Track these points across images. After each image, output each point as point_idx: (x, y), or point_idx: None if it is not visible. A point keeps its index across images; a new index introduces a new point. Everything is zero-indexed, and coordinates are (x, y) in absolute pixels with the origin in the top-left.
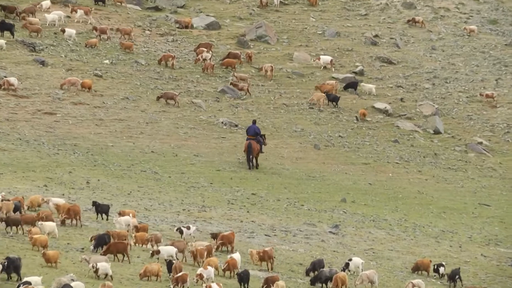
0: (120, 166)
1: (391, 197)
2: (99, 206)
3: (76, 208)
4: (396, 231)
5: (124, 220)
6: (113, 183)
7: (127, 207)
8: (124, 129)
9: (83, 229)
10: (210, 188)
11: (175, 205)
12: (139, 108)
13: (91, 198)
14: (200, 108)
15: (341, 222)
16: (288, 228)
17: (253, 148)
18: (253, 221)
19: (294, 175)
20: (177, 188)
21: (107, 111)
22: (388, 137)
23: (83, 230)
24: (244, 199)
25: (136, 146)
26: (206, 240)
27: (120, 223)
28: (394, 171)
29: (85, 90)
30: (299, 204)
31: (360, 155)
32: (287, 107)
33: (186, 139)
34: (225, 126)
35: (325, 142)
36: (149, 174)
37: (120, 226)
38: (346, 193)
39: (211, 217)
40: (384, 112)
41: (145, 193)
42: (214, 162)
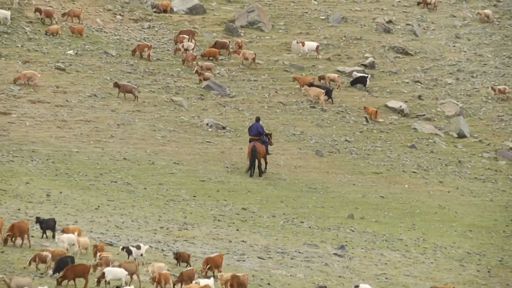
0: (86, 176)
1: (407, 213)
2: (43, 222)
3: (23, 225)
4: (413, 253)
5: (67, 238)
6: (78, 196)
7: (95, 224)
8: (91, 132)
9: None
10: (193, 202)
11: (151, 222)
12: (109, 107)
13: (51, 214)
14: (181, 107)
15: (348, 242)
16: (285, 249)
17: (258, 151)
18: (244, 241)
19: (292, 186)
20: (153, 202)
21: (71, 110)
22: (403, 142)
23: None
24: (233, 215)
25: (106, 152)
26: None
27: (62, 241)
28: (410, 182)
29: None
30: (298, 221)
31: (371, 163)
32: (284, 106)
33: (165, 144)
34: (211, 128)
35: (329, 148)
36: (121, 185)
37: (63, 245)
38: (353, 207)
39: (194, 236)
40: (399, 112)
41: (116, 208)
42: (197, 171)
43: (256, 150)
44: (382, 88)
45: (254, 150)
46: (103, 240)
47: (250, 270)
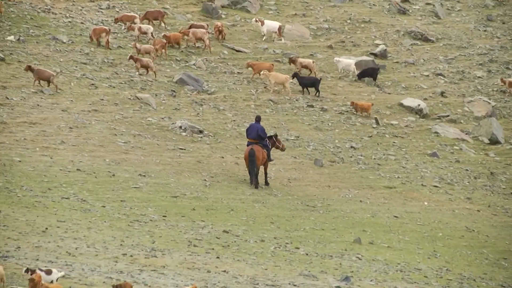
0: (31, 191)
1: (426, 237)
2: None
3: None
4: (434, 286)
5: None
6: (21, 216)
7: (42, 250)
8: (38, 137)
9: None
10: (163, 223)
11: (111, 248)
12: (60, 106)
13: None
14: (148, 107)
15: (354, 272)
16: (277, 281)
17: (257, 157)
18: (226, 271)
19: (285, 204)
20: (114, 223)
21: (12, 110)
22: (422, 149)
23: None
24: (212, 239)
25: (55, 162)
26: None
27: None
28: (431, 199)
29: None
30: (292, 246)
31: (382, 175)
32: (275, 104)
33: (128, 152)
34: (185, 132)
35: (331, 156)
36: (74, 202)
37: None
38: (361, 230)
39: (164, 265)
40: (416, 113)
41: (68, 230)
42: (168, 185)
43: (255, 154)
44: (396, 82)
45: (252, 155)
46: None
47: None
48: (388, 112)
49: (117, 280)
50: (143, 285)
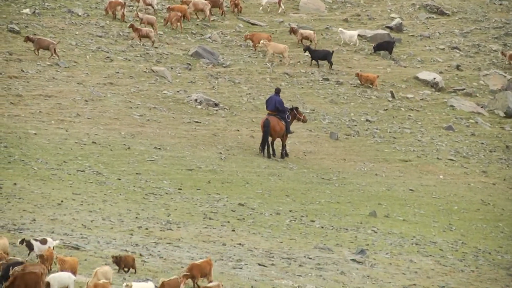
0: (46, 164)
1: (442, 210)
2: None
3: None
4: (449, 259)
5: None
6: (37, 188)
7: (57, 223)
8: (53, 110)
9: None
10: (178, 196)
11: (127, 221)
12: (75, 79)
13: (3, 211)
14: (163, 80)
15: (369, 245)
16: (292, 254)
17: (272, 128)
18: (241, 244)
19: (300, 176)
20: (130, 195)
21: (28, 83)
22: (438, 122)
23: None
24: (227, 212)
25: (71, 135)
26: None
27: None
28: (447, 172)
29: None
30: (307, 219)
31: (397, 148)
32: (291, 78)
33: (143, 125)
34: (200, 105)
35: (346, 130)
36: (89, 175)
37: None
38: (376, 203)
39: (179, 238)
40: (432, 86)
41: (83, 203)
42: (184, 158)
43: (269, 124)
44: (412, 56)
45: (267, 125)
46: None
47: (248, 280)
48: (403, 86)
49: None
50: (159, 258)
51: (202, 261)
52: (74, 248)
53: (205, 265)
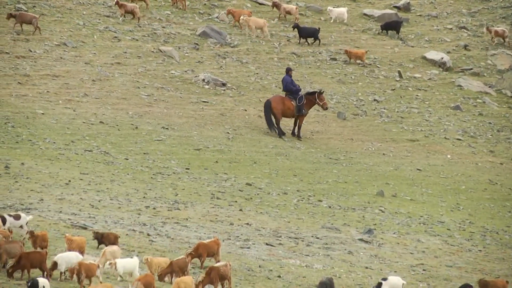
0: (54, 144)
1: (449, 190)
2: None
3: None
4: (457, 239)
5: None
6: (44, 168)
7: (65, 203)
8: (61, 90)
9: None
10: (186, 176)
11: (134, 201)
12: (82, 59)
13: (11, 191)
14: (171, 59)
15: (377, 225)
16: (300, 234)
17: (274, 108)
18: (249, 224)
19: (308, 156)
20: (137, 175)
21: (35, 63)
22: (445, 102)
23: None
24: (235, 192)
25: (78, 115)
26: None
27: None
28: (454, 151)
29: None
30: (315, 199)
31: (405, 128)
32: (298, 57)
33: (151, 105)
34: (208, 85)
35: (354, 109)
36: (97, 155)
37: None
38: (384, 183)
39: (187, 217)
40: (440, 66)
41: (91, 183)
42: (191, 138)
43: (270, 105)
44: (420, 36)
45: (266, 106)
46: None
47: (256, 259)
48: (411, 65)
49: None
50: (166, 237)
51: (209, 241)
52: (81, 227)
53: (212, 245)
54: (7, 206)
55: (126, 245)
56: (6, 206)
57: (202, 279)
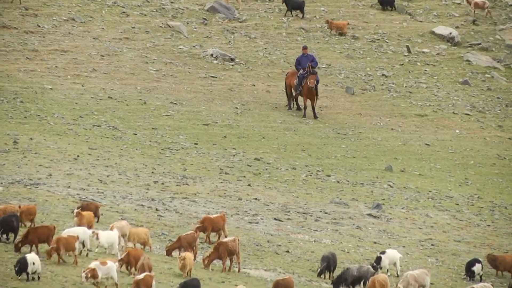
0: (63, 119)
1: (458, 165)
2: None
3: None
4: (465, 214)
5: None
6: (53, 143)
7: (73, 178)
8: (69, 65)
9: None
10: (195, 151)
11: (143, 176)
12: (91, 34)
13: (19, 166)
14: (179, 34)
15: (385, 200)
16: (308, 209)
17: (288, 84)
18: (257, 199)
19: (316, 131)
20: (146, 150)
21: (44, 38)
22: (454, 77)
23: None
24: (243, 167)
25: (86, 90)
26: None
27: None
28: (462, 126)
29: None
30: (323, 174)
31: (413, 102)
32: (307, 32)
33: (159, 80)
34: (216, 60)
35: (362, 84)
36: (105, 130)
37: None
38: (392, 158)
39: (195, 192)
40: (448, 41)
41: (100, 158)
42: (200, 113)
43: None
44: (428, 10)
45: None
46: (83, 197)
47: (264, 234)
48: (419, 40)
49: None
50: (175, 212)
51: (215, 216)
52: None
53: (218, 220)
54: (16, 181)
55: (135, 220)
56: (14, 181)
57: (210, 254)
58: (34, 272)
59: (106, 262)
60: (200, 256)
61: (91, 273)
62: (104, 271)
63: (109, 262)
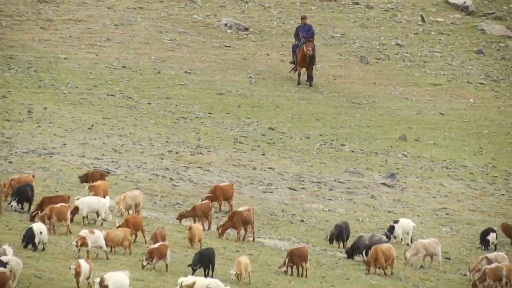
0: (77, 88)
1: (472, 134)
2: None
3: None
4: (479, 183)
5: None
6: (67, 113)
7: (87, 147)
8: (83, 34)
9: None
10: (209, 120)
11: (157, 145)
12: (105, 3)
13: (34, 135)
14: (193, 4)
15: (400, 169)
16: (322, 178)
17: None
18: (271, 168)
19: (330, 101)
20: (160, 120)
21: (58, 7)
22: (468, 46)
23: None
24: (257, 136)
25: (100, 59)
26: None
27: None
28: (477, 96)
29: None
30: (338, 143)
31: (428, 72)
32: (321, 2)
33: (174, 49)
34: (230, 29)
35: (376, 53)
36: (120, 99)
37: None
38: (406, 127)
39: (209, 162)
40: (462, 10)
41: (114, 127)
42: (214, 82)
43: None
44: None
45: None
46: (97, 167)
47: (279, 204)
48: (434, 9)
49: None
50: (189, 182)
51: (225, 184)
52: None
53: (228, 188)
54: (30, 151)
55: (149, 190)
56: (29, 151)
57: (225, 223)
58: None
59: (94, 231)
60: (215, 225)
61: (81, 241)
62: (93, 239)
63: (96, 231)
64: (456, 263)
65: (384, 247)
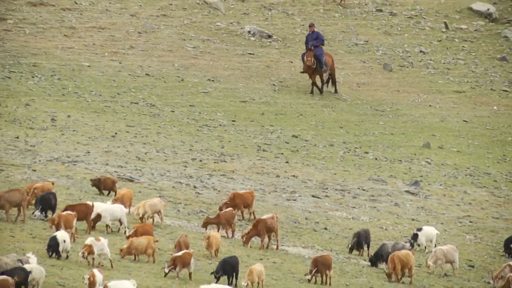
0: (100, 96)
1: (496, 141)
2: None
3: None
4: (503, 190)
5: None
6: (91, 121)
7: (111, 155)
8: (106, 42)
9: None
10: (232, 128)
11: (180, 153)
12: (128, 11)
13: (57, 143)
14: (216, 11)
15: (423, 177)
16: (346, 186)
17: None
18: (295, 176)
19: (354, 108)
20: (183, 127)
21: (81, 15)
22: (492, 53)
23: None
24: (281, 144)
25: (124, 67)
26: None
27: None
28: (500, 103)
29: None
30: (361, 151)
31: (451, 79)
32: (344, 9)
33: (197, 57)
34: (254, 37)
35: (400, 61)
36: (143, 107)
37: None
38: (430, 135)
39: (233, 170)
40: (486, 17)
41: (137, 135)
42: (237, 90)
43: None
44: None
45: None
46: (121, 175)
47: (302, 211)
48: (457, 16)
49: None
50: (212, 189)
51: (244, 192)
52: (128, 180)
53: (247, 196)
54: (54, 159)
55: (172, 198)
56: (52, 159)
57: (249, 231)
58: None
59: (100, 238)
60: (239, 233)
61: (88, 249)
62: (99, 246)
63: (101, 238)
64: (480, 271)
65: (401, 254)
